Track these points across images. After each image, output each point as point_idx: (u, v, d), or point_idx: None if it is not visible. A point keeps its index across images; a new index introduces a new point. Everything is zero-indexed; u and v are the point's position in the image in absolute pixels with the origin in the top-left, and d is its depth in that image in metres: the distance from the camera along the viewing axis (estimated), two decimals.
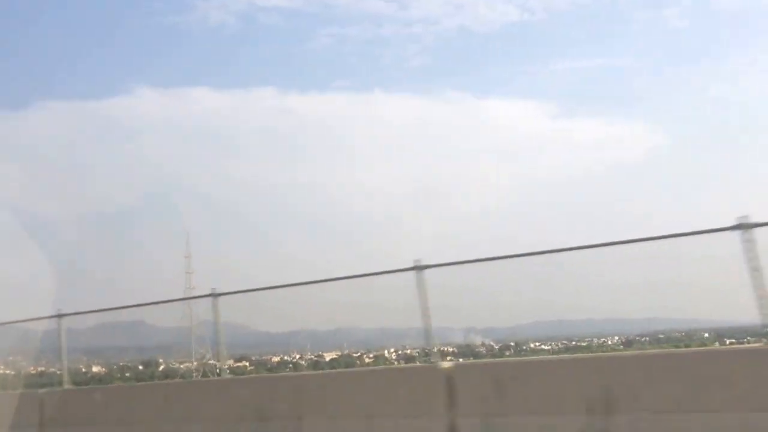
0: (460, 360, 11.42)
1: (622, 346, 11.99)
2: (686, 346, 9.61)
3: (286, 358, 13.04)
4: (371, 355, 13.54)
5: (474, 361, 10.10)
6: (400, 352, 13.11)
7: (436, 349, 8.69)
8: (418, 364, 9.48)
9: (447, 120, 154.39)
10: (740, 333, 8.83)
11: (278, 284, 9.73)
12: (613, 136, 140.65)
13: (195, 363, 14.02)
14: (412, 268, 8.34)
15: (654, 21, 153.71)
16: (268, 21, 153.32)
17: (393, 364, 13.19)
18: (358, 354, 13.28)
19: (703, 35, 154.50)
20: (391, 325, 9.81)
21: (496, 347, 12.44)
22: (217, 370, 13.91)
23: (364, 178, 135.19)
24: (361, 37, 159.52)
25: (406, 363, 11.61)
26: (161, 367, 13.87)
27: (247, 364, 14.70)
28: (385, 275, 8.85)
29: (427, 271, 8.34)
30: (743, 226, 6.70)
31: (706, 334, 9.98)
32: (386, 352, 13.56)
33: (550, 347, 13.01)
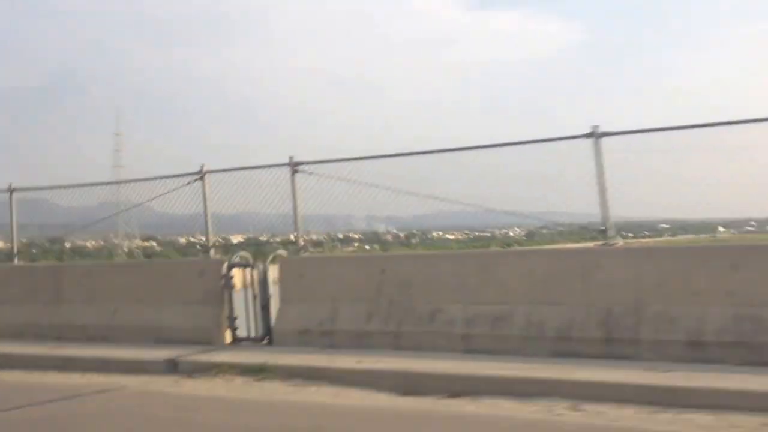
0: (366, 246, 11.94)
1: (524, 237, 12.59)
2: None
3: (192, 239, 13.12)
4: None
5: None
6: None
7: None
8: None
9: (369, 7, 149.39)
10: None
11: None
12: (527, 31, 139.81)
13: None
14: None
15: None
16: None
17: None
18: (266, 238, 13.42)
19: None
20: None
21: (401, 235, 12.92)
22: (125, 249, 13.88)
23: (287, 62, 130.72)
24: None
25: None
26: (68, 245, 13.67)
27: (155, 244, 14.71)
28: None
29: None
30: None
31: None
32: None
33: (453, 236, 13.59)
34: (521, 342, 7.29)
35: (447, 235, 13.78)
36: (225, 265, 9.43)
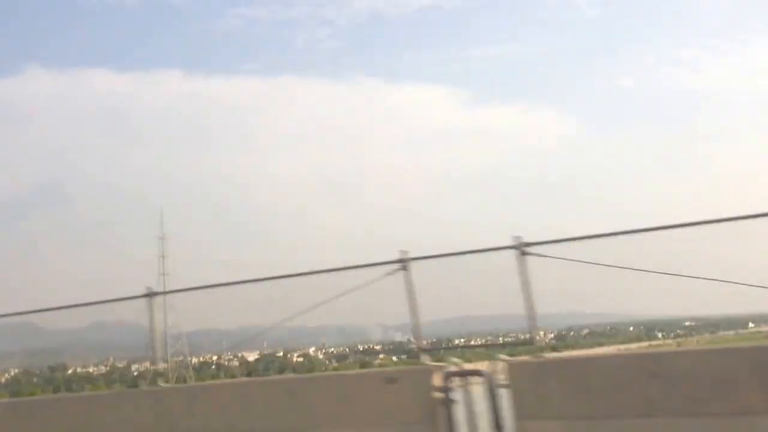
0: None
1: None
2: None
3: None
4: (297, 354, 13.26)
5: None
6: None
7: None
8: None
9: (359, 106, 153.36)
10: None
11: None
12: (524, 125, 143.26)
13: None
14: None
15: (566, 10, 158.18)
16: (171, 0, 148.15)
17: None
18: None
19: (613, 25, 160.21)
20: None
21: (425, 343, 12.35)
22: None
23: (272, 167, 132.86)
24: (272, 18, 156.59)
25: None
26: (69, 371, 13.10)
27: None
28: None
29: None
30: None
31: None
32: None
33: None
34: None
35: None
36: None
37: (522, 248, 7.21)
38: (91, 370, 13.74)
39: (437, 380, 7.18)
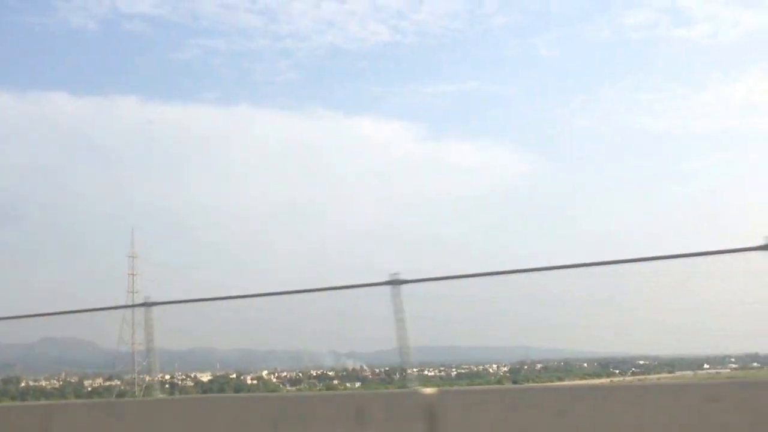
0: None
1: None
2: None
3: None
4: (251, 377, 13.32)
5: None
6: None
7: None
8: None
9: (317, 138, 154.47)
10: None
11: None
12: (481, 162, 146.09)
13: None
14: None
15: (524, 50, 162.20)
16: (132, 28, 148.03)
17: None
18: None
19: (571, 67, 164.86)
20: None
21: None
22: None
23: (228, 196, 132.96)
24: (231, 49, 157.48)
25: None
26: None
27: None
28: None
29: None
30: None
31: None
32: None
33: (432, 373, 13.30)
34: None
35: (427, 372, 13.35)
36: None
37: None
38: (43, 384, 13.60)
39: None
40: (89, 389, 13.24)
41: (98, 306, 9.96)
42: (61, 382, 13.32)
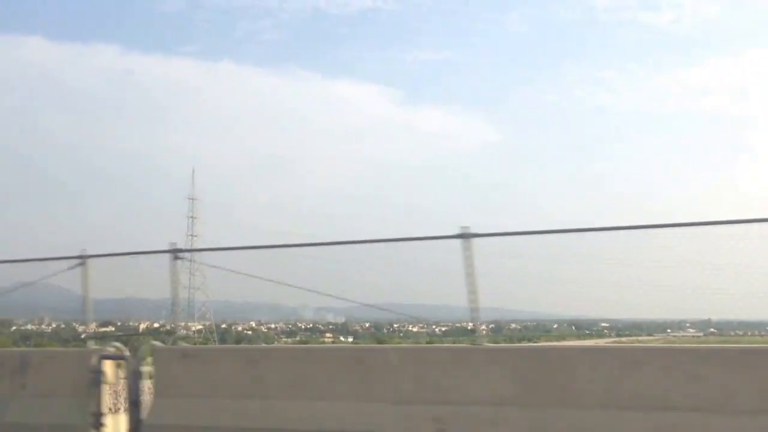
0: None
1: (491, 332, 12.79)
2: None
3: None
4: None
5: None
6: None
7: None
8: None
9: (295, 98, 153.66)
10: None
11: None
12: (452, 129, 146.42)
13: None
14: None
15: (498, 24, 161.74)
16: None
17: None
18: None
19: (542, 43, 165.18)
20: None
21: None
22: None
23: (199, 149, 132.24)
24: (215, 5, 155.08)
25: None
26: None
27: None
28: None
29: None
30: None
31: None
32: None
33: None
34: None
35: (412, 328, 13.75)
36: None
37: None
38: (30, 327, 13.91)
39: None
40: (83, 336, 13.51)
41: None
42: (49, 327, 13.55)
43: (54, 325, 14.00)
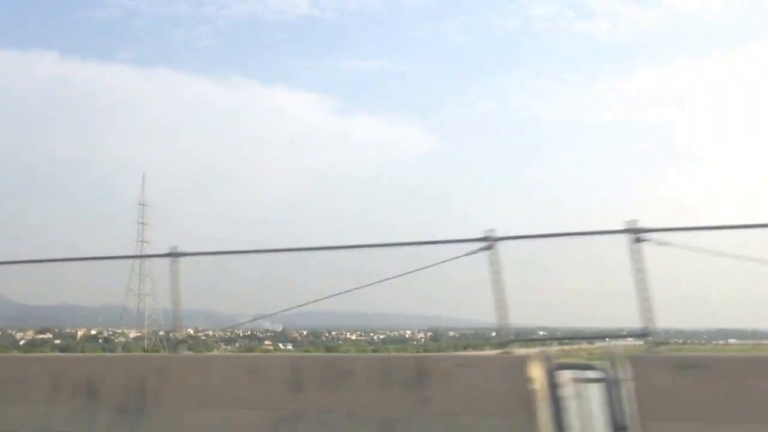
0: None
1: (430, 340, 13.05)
2: None
3: None
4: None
5: None
6: None
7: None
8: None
9: (232, 105, 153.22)
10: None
11: None
12: (389, 138, 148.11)
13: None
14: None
15: (435, 33, 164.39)
16: None
17: None
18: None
19: (478, 52, 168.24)
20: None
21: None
22: None
23: (137, 156, 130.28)
24: (152, 12, 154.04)
25: None
26: None
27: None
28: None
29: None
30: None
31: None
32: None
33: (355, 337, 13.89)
34: None
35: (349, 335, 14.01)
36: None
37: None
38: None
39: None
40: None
41: None
42: None
43: None
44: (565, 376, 6.36)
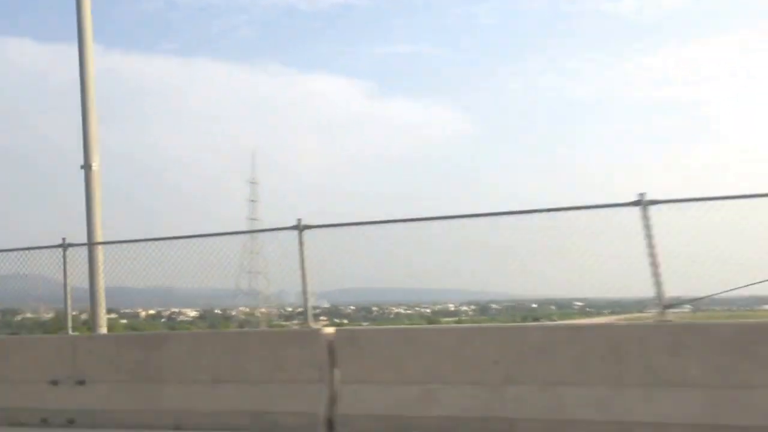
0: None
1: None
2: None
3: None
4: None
5: None
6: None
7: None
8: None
9: (272, 93, 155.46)
10: None
11: None
12: (425, 119, 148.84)
13: None
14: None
15: (466, 17, 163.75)
16: None
17: None
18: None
19: (508, 34, 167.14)
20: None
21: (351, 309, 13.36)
22: None
23: (184, 143, 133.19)
24: (192, 3, 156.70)
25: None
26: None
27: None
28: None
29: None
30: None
31: None
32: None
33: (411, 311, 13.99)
34: None
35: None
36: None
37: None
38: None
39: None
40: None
41: None
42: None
43: None
44: None
